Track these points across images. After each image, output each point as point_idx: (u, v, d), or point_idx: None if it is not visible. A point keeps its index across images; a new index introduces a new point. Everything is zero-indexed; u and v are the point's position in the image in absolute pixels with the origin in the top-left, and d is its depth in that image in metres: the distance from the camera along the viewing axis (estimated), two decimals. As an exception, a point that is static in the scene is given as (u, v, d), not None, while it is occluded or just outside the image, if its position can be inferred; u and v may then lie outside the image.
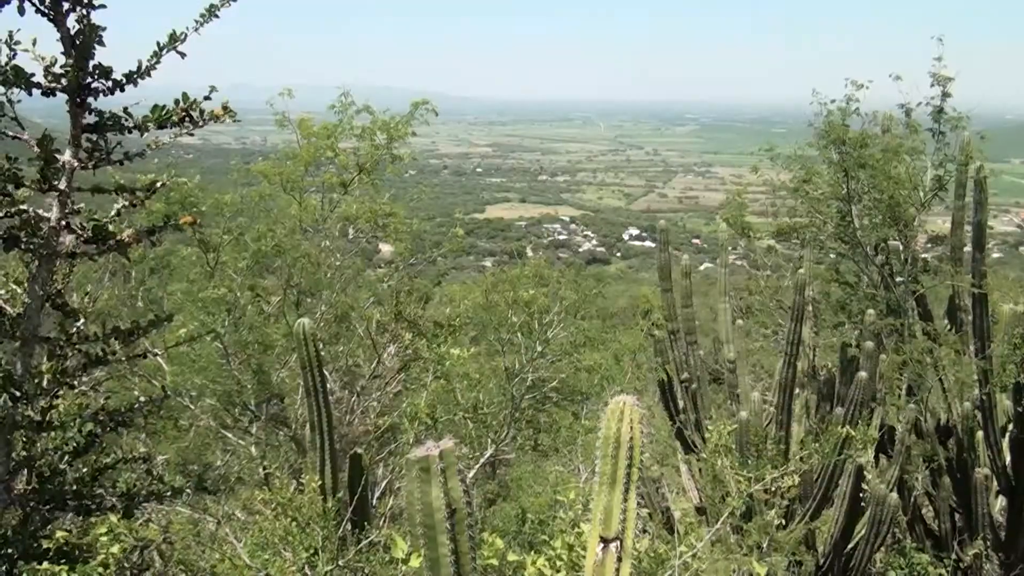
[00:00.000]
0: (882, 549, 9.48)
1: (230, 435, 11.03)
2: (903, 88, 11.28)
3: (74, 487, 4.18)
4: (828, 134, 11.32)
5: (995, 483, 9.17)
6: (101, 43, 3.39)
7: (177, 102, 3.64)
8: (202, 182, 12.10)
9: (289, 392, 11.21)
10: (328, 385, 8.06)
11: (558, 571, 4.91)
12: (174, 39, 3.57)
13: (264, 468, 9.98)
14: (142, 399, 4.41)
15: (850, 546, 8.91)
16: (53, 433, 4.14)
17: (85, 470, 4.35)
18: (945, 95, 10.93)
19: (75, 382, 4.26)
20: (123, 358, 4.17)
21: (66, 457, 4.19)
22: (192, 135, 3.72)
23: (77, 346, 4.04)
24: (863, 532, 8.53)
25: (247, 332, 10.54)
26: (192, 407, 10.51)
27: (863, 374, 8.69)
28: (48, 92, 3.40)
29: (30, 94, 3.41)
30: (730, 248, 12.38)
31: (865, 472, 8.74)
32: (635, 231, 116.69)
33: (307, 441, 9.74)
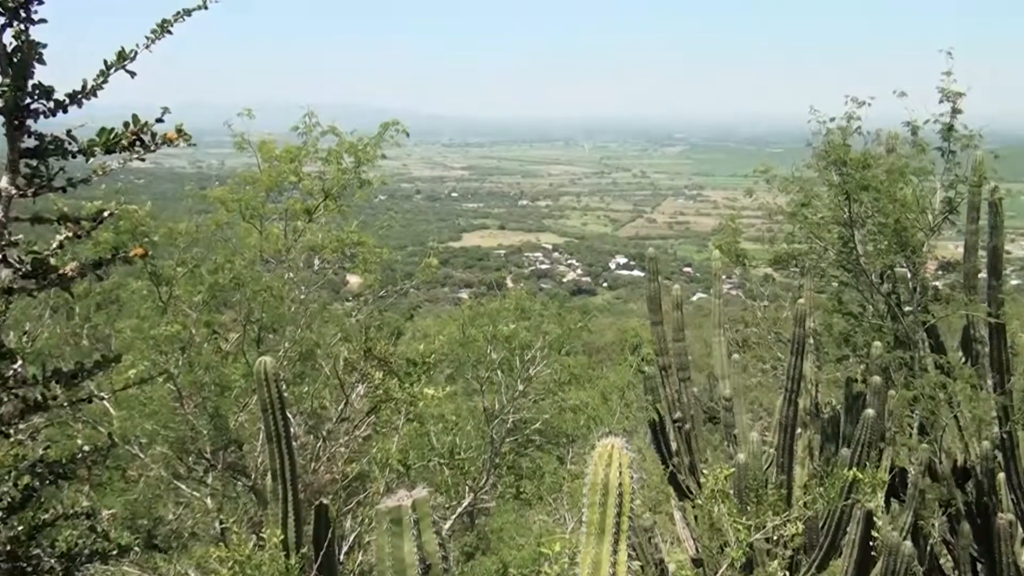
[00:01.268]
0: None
1: (183, 486, 10.87)
2: (909, 105, 11.41)
3: (8, 547, 4.08)
4: (828, 154, 11.44)
5: (1020, 529, 9.18)
6: (41, 61, 3.36)
7: (126, 124, 3.62)
8: (154, 210, 12.02)
9: (249, 438, 11.08)
10: (291, 430, 7.98)
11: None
12: (123, 57, 3.56)
13: (221, 522, 9.84)
14: (86, 448, 4.33)
15: (860, 599, 8.88)
16: (-15, 487, 4.06)
17: (21, 528, 4.25)
18: (955, 111, 11.04)
19: (11, 430, 4.17)
20: (65, 403, 4.10)
21: None
22: (143, 160, 3.69)
23: (13, 390, 3.96)
24: (874, 584, 8.51)
25: (203, 372, 10.42)
26: (142, 456, 10.36)
27: (870, 412, 8.71)
28: (-18, 114, 3.37)
29: (-38, 116, 3.38)
30: (724, 277, 12.46)
31: (875, 518, 8.73)
32: (622, 259, 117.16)
33: (268, 491, 9.60)
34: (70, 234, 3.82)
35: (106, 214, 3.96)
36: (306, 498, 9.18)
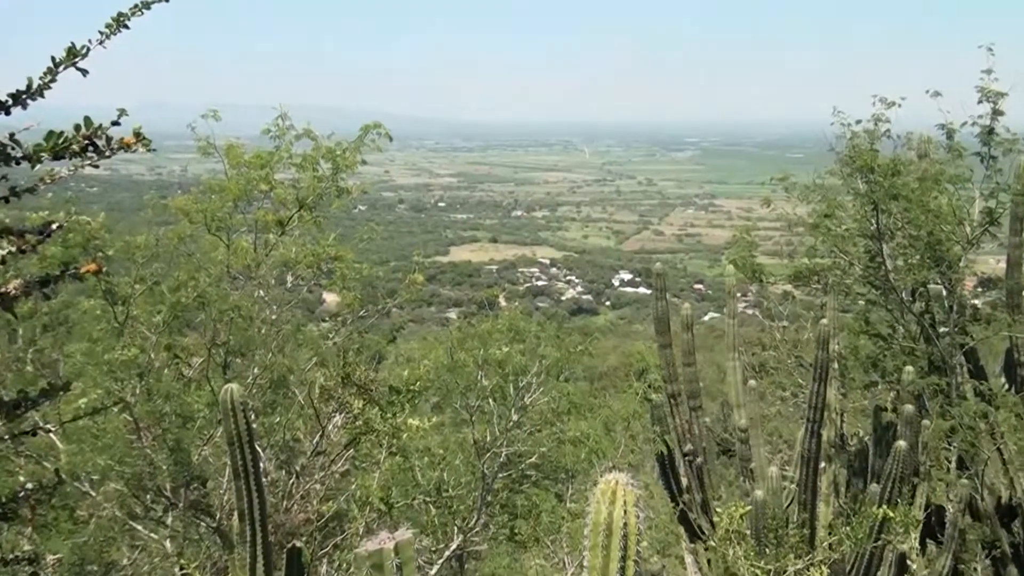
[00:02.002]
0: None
1: (140, 527, 10.79)
2: (943, 106, 11.44)
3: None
4: (853, 160, 11.47)
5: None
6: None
7: (78, 127, 3.60)
8: (109, 221, 11.98)
9: (213, 474, 11.02)
10: (261, 465, 7.93)
11: None
12: (73, 53, 3.54)
13: (181, 567, 9.76)
14: (29, 486, 4.29)
15: (892, 652, 8.85)
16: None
17: (-43, 575, 4.21)
18: (996, 113, 11.05)
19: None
20: (6, 436, 4.07)
21: (-66, 559, 4.06)
22: (97, 166, 3.68)
23: (-51, 423, 3.93)
24: (908, 635, 8.48)
25: (163, 401, 10.37)
26: (93, 494, 10.28)
27: (902, 444, 8.70)
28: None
29: None
30: (739, 295, 12.48)
31: (909, 561, 8.71)
32: (627, 275, 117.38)
33: (235, 533, 9.55)
34: (13, 248, 3.79)
35: (54, 226, 3.93)
36: (277, 540, 9.12)
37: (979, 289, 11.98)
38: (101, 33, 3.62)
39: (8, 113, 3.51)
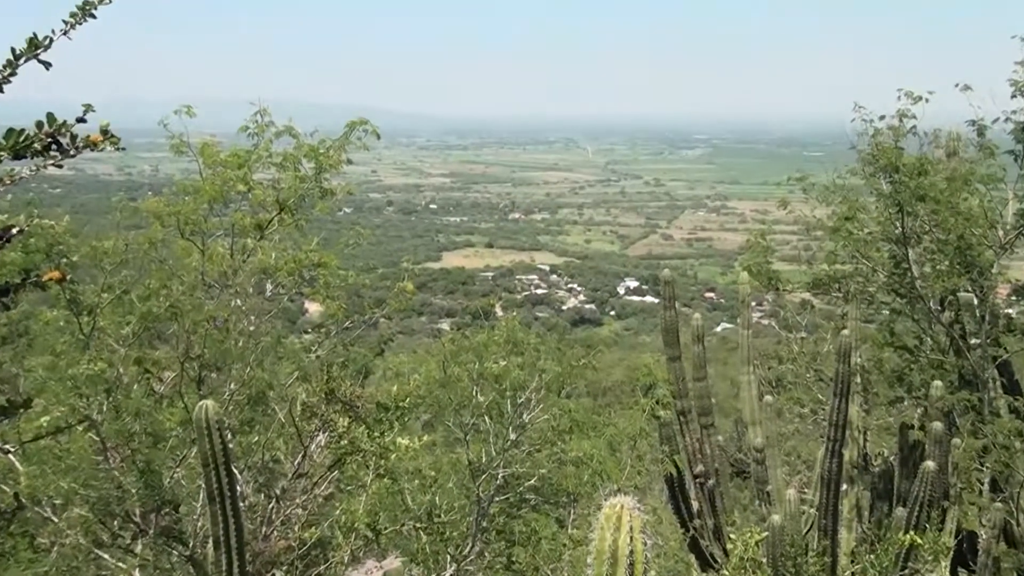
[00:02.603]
0: None
1: (107, 556, 10.76)
2: (974, 100, 11.46)
3: None
4: (876, 159, 11.49)
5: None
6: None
7: (40, 124, 3.60)
8: (74, 225, 11.98)
9: (187, 498, 11.00)
10: (238, 488, 7.92)
11: None
12: (35, 45, 3.55)
13: (152, 599, 9.74)
14: (-11, 512, 4.29)
15: None
16: None
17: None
18: None
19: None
20: (-36, 458, 4.06)
21: None
22: (61, 166, 3.68)
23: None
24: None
25: (132, 419, 10.35)
26: (55, 520, 10.26)
27: (931, 464, 8.70)
28: None
29: None
30: (754, 304, 12.48)
31: (937, 592, 8.70)
32: (633, 283, 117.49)
33: (209, 563, 9.53)
34: (-29, 255, 3.79)
35: (14, 231, 3.93)
36: (255, 570, 9.10)
37: (1013, 297, 11.99)
38: (66, 23, 3.62)
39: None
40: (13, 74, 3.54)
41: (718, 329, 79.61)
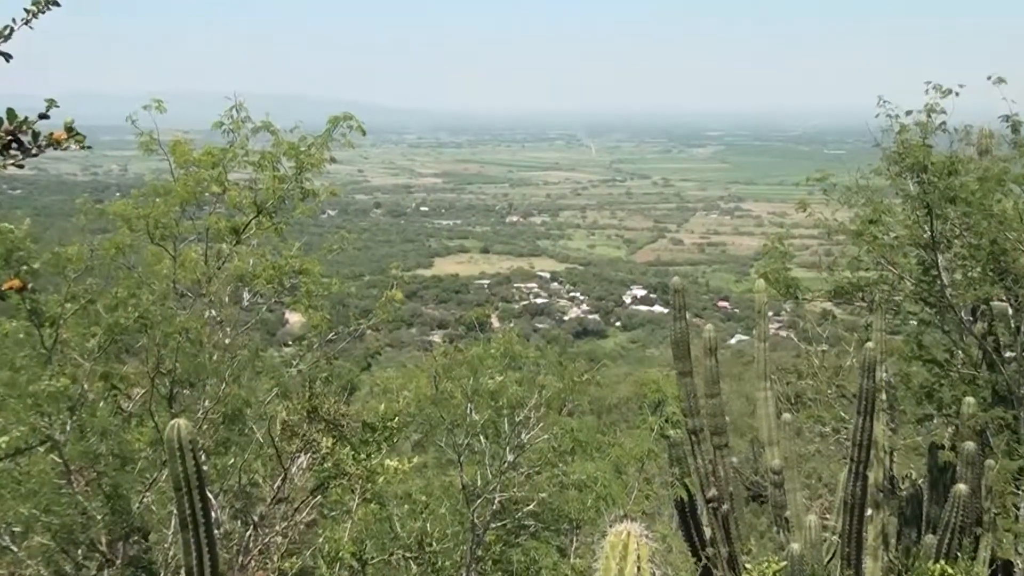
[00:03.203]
0: None
1: (71, 588, 10.75)
2: (1008, 94, 11.46)
3: None
4: (903, 157, 11.50)
5: None
6: None
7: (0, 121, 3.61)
8: (35, 229, 11.98)
9: (157, 525, 10.99)
10: (213, 514, 7.91)
11: None
12: (-5, 34, 3.55)
13: (119, 635, 9.72)
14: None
15: None
16: None
17: None
18: None
19: None
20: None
21: None
22: (21, 166, 3.68)
23: None
24: None
25: (98, 440, 10.34)
26: (14, 549, 10.24)
27: (962, 487, 8.70)
28: None
29: None
30: (771, 314, 12.48)
31: (970, 626, 8.69)
32: (640, 291, 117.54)
33: (181, 595, 9.51)
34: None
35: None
36: (231, 604, 9.07)
37: (1052, 307, 12.00)
38: (27, 11, 3.62)
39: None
40: (-30, 67, 3.54)
41: (732, 341, 79.65)
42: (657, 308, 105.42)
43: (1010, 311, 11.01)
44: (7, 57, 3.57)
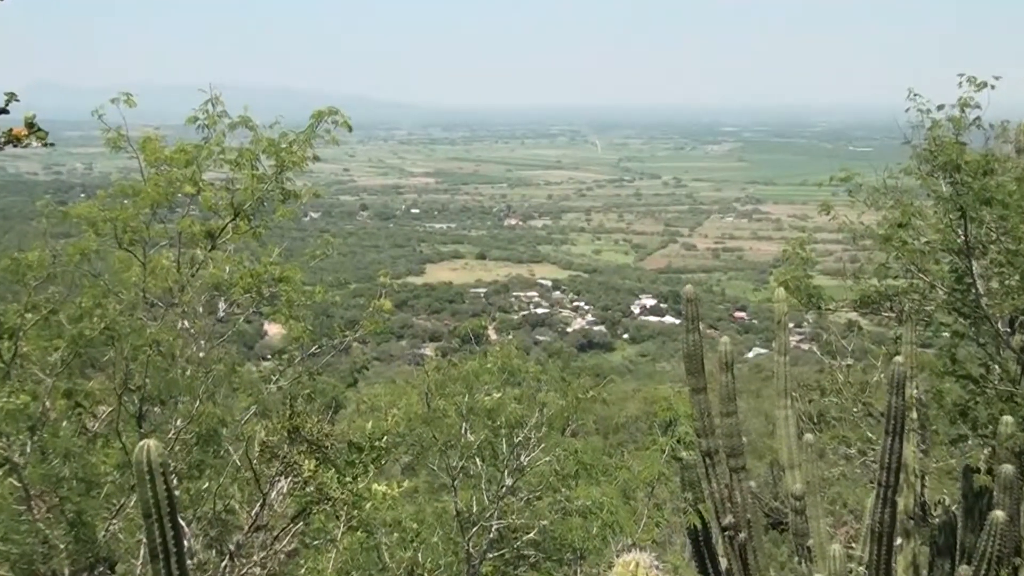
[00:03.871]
0: None
1: (30, 623, 10.75)
2: None
3: None
4: (934, 156, 11.51)
5: None
6: None
7: (-45, 115, 3.61)
8: (-8, 233, 12.00)
9: (125, 554, 10.98)
10: (185, 543, 7.91)
11: None
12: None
13: (83, 675, 9.71)
14: None
15: None
16: None
17: None
18: None
19: None
20: None
21: None
22: (-23, 164, 3.68)
23: None
24: None
25: (60, 462, 10.34)
26: (-29, 580, 10.25)
27: (1000, 514, 8.69)
28: None
29: None
30: (792, 325, 12.48)
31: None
32: (650, 301, 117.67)
33: (151, 631, 9.50)
34: None
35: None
36: (205, 640, 9.06)
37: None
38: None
39: None
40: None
41: (750, 355, 79.77)
42: (668, 319, 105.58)
43: (1050, 323, 11.04)
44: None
